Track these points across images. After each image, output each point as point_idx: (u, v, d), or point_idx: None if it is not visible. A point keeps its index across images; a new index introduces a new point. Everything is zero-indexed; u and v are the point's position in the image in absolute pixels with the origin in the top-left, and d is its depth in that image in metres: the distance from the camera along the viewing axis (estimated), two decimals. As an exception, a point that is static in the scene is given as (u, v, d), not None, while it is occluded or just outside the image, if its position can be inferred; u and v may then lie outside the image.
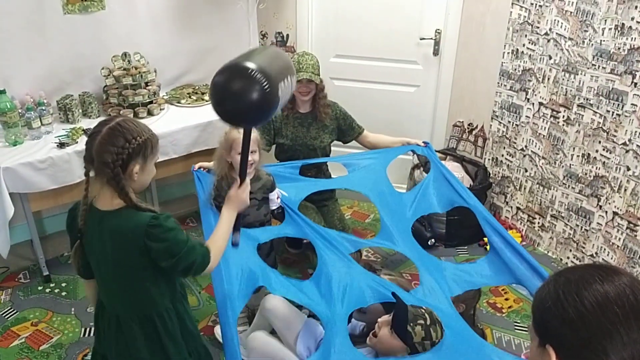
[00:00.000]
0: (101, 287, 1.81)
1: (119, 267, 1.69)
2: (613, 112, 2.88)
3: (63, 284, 3.09)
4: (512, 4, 3.22)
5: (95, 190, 1.68)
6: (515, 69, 3.32)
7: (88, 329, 2.77)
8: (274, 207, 2.63)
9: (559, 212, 3.32)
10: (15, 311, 2.90)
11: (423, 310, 1.97)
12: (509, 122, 3.45)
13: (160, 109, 3.33)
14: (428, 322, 1.91)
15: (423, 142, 2.96)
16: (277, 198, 2.61)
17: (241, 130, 2.53)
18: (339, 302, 2.11)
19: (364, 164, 2.89)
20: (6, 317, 2.85)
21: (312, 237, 2.47)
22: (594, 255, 3.17)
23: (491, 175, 3.63)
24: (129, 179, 1.63)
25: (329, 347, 1.93)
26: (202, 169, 2.68)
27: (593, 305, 0.95)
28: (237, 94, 1.48)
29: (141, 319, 1.75)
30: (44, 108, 2.97)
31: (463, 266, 2.52)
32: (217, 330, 2.58)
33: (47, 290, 3.05)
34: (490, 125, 3.59)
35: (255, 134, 2.53)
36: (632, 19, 2.69)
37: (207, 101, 3.47)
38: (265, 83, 1.46)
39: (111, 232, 1.64)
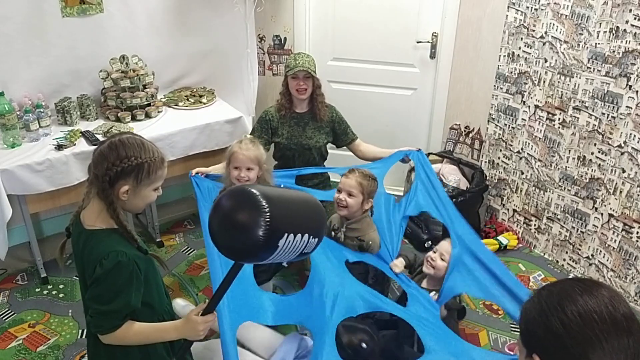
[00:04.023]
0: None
1: (83, 283, 1.67)
2: (608, 115, 2.90)
3: (60, 286, 3.10)
4: (508, 7, 3.25)
5: (86, 201, 1.66)
6: (511, 72, 3.34)
7: (85, 331, 2.77)
8: None
9: (555, 214, 3.33)
10: (12, 313, 2.90)
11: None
12: (505, 124, 3.47)
13: (158, 112, 3.34)
14: None
15: (417, 148, 2.96)
16: None
17: (242, 145, 2.56)
18: (329, 312, 2.08)
19: None
20: (4, 318, 2.86)
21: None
22: (590, 257, 3.19)
23: (488, 177, 3.65)
24: (116, 198, 1.58)
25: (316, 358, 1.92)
26: (200, 174, 2.68)
27: (575, 315, 1.02)
28: (230, 216, 1.23)
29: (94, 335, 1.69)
30: (42, 110, 2.98)
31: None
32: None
33: (45, 292, 3.06)
34: (487, 128, 3.61)
35: (256, 152, 2.52)
36: (627, 22, 2.71)
37: (204, 104, 3.48)
38: (267, 218, 1.18)
39: (82, 250, 1.63)
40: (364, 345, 2.18)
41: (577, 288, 1.05)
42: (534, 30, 3.15)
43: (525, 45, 3.22)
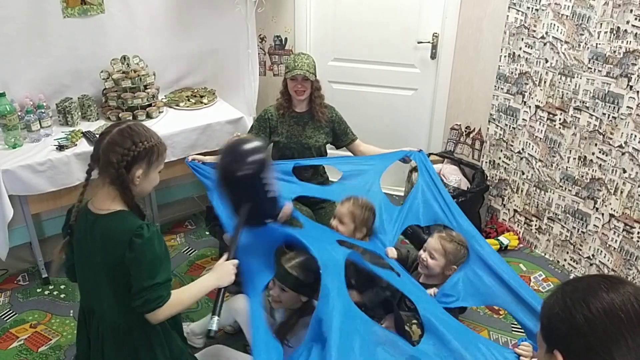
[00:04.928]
0: (82, 290, 1.83)
1: (105, 272, 1.68)
2: (609, 115, 2.90)
3: (62, 286, 3.10)
4: (509, 7, 3.25)
5: (94, 191, 1.69)
6: (512, 72, 3.34)
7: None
8: None
9: (556, 214, 3.33)
10: (14, 313, 2.90)
11: (410, 313, 2.00)
12: (506, 125, 3.47)
13: (159, 112, 3.35)
14: (420, 321, 1.93)
15: (418, 149, 2.96)
16: None
17: None
18: (335, 250, 2.06)
19: (359, 169, 2.86)
20: (5, 319, 2.86)
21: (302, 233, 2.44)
22: (591, 257, 3.19)
23: (488, 178, 3.65)
24: (130, 183, 1.64)
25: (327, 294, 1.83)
26: (196, 161, 2.70)
27: (599, 311, 1.00)
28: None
29: (116, 327, 1.74)
30: (43, 111, 2.99)
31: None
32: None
33: (46, 292, 3.06)
34: (488, 128, 3.61)
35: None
36: (628, 22, 2.72)
37: (205, 104, 3.49)
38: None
39: (103, 235, 1.64)
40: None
41: (603, 285, 1.04)
42: (534, 31, 3.15)
43: (526, 46, 3.22)
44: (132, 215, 1.67)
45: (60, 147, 2.87)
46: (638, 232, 2.92)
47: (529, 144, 3.37)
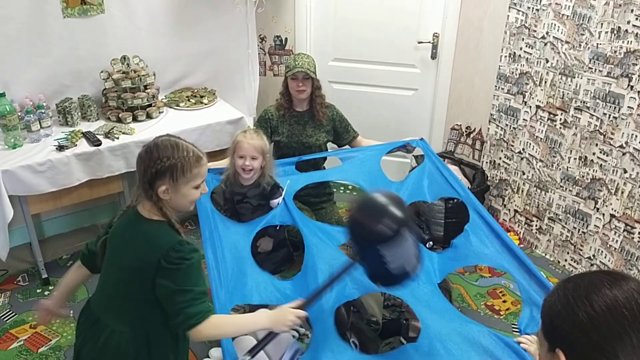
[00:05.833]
0: (99, 287, 1.81)
1: (127, 274, 1.68)
2: (610, 115, 2.90)
3: (62, 287, 3.10)
4: (509, 7, 3.24)
5: (139, 199, 1.71)
6: (513, 72, 3.34)
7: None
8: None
9: (557, 214, 3.33)
10: (14, 314, 2.90)
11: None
12: (507, 125, 3.47)
13: (159, 112, 3.34)
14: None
15: (419, 137, 3.00)
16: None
17: (247, 135, 2.62)
18: (324, 300, 2.11)
19: (359, 157, 2.91)
20: (5, 319, 2.86)
21: (300, 227, 2.47)
22: (592, 257, 3.18)
23: (489, 178, 3.65)
24: (158, 198, 1.65)
25: (317, 345, 1.94)
26: None
27: (603, 308, 0.98)
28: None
29: (122, 332, 1.72)
30: (43, 111, 2.98)
31: (441, 254, 2.58)
32: (213, 352, 2.55)
33: (46, 292, 3.05)
34: (488, 128, 3.61)
35: (261, 141, 2.61)
36: (628, 22, 2.71)
37: (205, 104, 3.48)
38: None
39: (139, 238, 1.66)
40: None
41: (606, 281, 1.01)
42: (535, 31, 3.15)
43: (526, 46, 3.22)
44: (172, 229, 1.67)
45: (60, 148, 2.87)
46: (639, 233, 2.92)
47: (530, 144, 3.37)
